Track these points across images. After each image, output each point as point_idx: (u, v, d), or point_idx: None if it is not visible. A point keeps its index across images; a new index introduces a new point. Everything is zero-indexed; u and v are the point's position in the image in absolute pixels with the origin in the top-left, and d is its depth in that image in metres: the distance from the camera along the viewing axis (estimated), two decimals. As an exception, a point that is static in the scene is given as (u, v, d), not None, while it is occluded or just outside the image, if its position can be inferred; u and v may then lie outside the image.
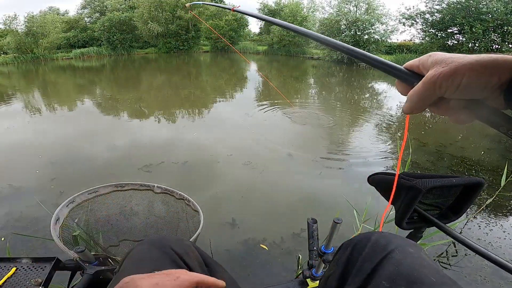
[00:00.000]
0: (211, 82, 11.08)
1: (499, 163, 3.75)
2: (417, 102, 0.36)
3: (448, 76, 0.32)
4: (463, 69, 0.31)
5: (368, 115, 6.29)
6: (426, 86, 0.34)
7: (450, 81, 0.32)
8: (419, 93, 0.35)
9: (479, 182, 0.64)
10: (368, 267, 0.54)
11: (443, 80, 0.32)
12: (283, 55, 25.19)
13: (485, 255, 0.55)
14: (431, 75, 0.33)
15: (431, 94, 0.34)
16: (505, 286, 1.83)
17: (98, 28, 25.07)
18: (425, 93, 0.34)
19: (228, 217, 2.45)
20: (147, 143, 4.26)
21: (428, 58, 0.35)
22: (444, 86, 0.32)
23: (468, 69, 0.30)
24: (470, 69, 0.30)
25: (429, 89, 0.34)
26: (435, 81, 0.33)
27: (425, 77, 0.34)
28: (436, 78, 0.33)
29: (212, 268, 0.64)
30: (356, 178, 3.25)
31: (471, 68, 0.30)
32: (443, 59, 0.33)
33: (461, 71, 0.31)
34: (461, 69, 0.31)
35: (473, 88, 0.31)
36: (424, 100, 0.35)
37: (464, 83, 0.31)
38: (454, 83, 0.32)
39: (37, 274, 0.91)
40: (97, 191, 1.39)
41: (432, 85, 0.33)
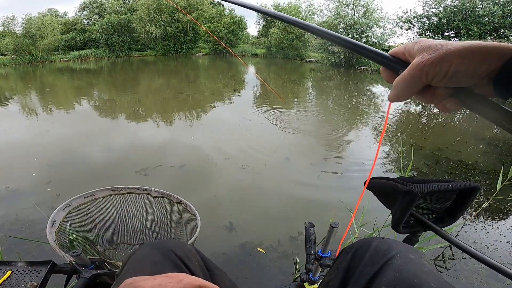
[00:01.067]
0: (209, 85, 11.09)
1: (495, 166, 3.77)
2: (403, 90, 0.35)
3: (435, 63, 0.31)
4: (451, 56, 0.30)
5: (366, 118, 6.32)
6: (412, 74, 0.33)
7: (437, 68, 0.31)
8: (405, 81, 0.34)
9: (475, 186, 0.64)
10: (369, 273, 0.54)
11: (430, 68, 0.31)
12: (281, 58, 25.29)
13: (480, 259, 0.55)
14: (418, 62, 0.32)
15: (417, 82, 0.33)
16: None
17: (97, 30, 25.08)
18: (411, 80, 0.33)
19: (226, 221, 2.44)
20: (144, 146, 4.25)
21: (414, 45, 0.34)
22: (431, 73, 0.31)
23: (457, 56, 0.30)
24: (458, 56, 0.30)
25: (415, 77, 0.33)
26: (422, 68, 0.32)
27: (411, 64, 0.33)
28: (423, 65, 0.32)
29: (213, 272, 0.64)
30: (353, 182, 3.26)
31: (459, 55, 0.30)
32: (430, 45, 0.32)
33: (449, 58, 0.30)
34: (449, 56, 0.30)
35: (461, 75, 0.30)
36: (410, 88, 0.34)
37: (452, 70, 0.30)
38: (441, 71, 0.31)
39: (32, 278, 0.90)
40: (93, 195, 1.39)
41: (419, 72, 0.32)
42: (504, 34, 12.88)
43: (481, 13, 12.70)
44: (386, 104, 7.90)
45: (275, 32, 25.03)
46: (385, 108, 7.30)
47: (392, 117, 6.44)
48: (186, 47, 27.41)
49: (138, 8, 25.10)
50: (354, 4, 19.18)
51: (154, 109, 6.91)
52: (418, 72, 0.32)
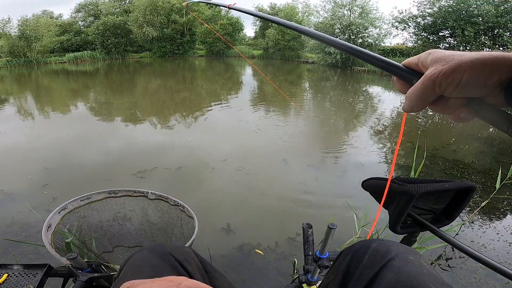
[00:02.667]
0: (206, 87, 11.08)
1: (491, 165, 3.79)
2: (417, 101, 0.35)
3: (448, 75, 0.31)
4: (463, 67, 0.30)
5: (364, 119, 6.34)
6: (425, 85, 0.34)
7: (450, 79, 0.31)
8: (419, 92, 0.35)
9: (471, 186, 0.65)
10: (368, 275, 0.54)
11: (443, 79, 0.32)
12: (278, 59, 25.34)
13: (477, 258, 0.55)
14: (431, 73, 0.33)
15: (430, 93, 0.34)
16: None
17: (92, 32, 24.95)
18: (425, 91, 0.34)
19: (223, 223, 2.44)
20: (141, 149, 4.24)
21: (428, 56, 0.35)
22: (444, 84, 0.32)
23: (468, 67, 0.30)
24: (470, 67, 0.30)
25: (428, 88, 0.33)
26: (435, 80, 0.32)
27: (425, 76, 0.34)
28: (436, 76, 0.32)
29: (212, 275, 0.64)
30: (351, 183, 3.27)
31: (471, 66, 0.30)
32: (442, 57, 0.33)
33: (461, 69, 0.30)
34: (461, 67, 0.30)
35: (472, 86, 0.31)
36: (424, 98, 0.35)
37: (464, 81, 0.31)
38: (454, 81, 0.31)
39: (28, 281, 0.90)
40: (89, 198, 1.38)
41: (432, 83, 0.33)
42: (498, 34, 12.99)
43: (476, 13, 12.80)
44: (383, 104, 7.94)
45: (272, 33, 25.07)
46: (381, 109, 7.33)
47: (390, 115, 6.46)
48: (182, 49, 27.36)
49: (134, 9, 25.01)
50: (350, 5, 19.26)
51: (151, 111, 6.89)
52: (431, 83, 0.33)
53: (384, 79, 14.35)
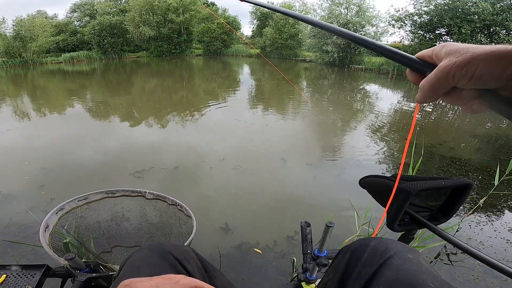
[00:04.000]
0: (204, 86, 11.06)
1: (488, 163, 3.81)
2: (430, 92, 0.36)
3: (462, 66, 0.32)
4: (477, 59, 0.31)
5: (362, 117, 6.35)
6: (439, 76, 0.34)
7: (464, 71, 0.32)
8: (432, 83, 0.35)
9: (468, 183, 0.65)
10: (367, 273, 0.54)
11: (456, 70, 0.32)
12: (276, 57, 25.34)
13: (474, 255, 0.56)
14: (445, 64, 0.33)
15: (444, 84, 0.34)
16: (498, 285, 1.85)
17: (88, 31, 24.84)
18: (438, 82, 0.34)
19: (221, 222, 2.44)
20: (138, 148, 4.23)
21: (442, 49, 0.35)
22: (457, 75, 0.32)
23: (483, 60, 0.30)
24: (485, 60, 0.30)
25: (442, 79, 0.34)
26: (449, 71, 0.33)
27: (438, 67, 0.34)
28: (450, 68, 0.33)
29: (211, 274, 0.64)
30: (349, 181, 3.27)
31: (486, 59, 0.30)
32: (457, 49, 0.33)
33: (475, 61, 0.31)
34: (475, 59, 0.31)
35: (487, 78, 0.31)
36: (437, 89, 0.35)
37: (478, 73, 0.31)
38: (468, 73, 0.32)
39: (27, 281, 0.90)
40: (87, 198, 1.38)
41: (445, 74, 0.33)
42: (495, 32, 13.02)
43: (472, 10, 12.82)
44: (380, 102, 7.96)
45: (269, 32, 25.07)
46: (379, 107, 7.34)
47: (387, 116, 6.48)
48: (179, 48, 27.31)
49: (130, 9, 24.91)
50: (347, 3, 19.27)
51: (148, 110, 6.87)
52: (445, 74, 0.33)
53: (382, 77, 14.39)
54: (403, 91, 9.99)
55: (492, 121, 6.11)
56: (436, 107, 7.57)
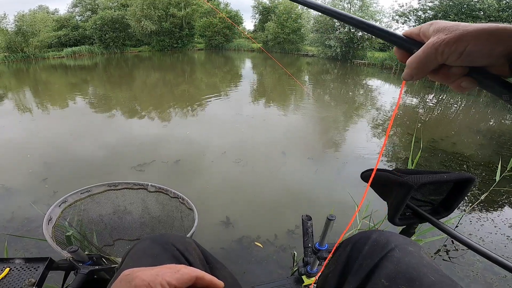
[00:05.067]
0: (206, 80, 11.03)
1: (490, 158, 3.80)
2: (417, 68, 0.35)
3: (451, 43, 0.31)
4: (468, 36, 0.30)
5: (364, 111, 6.33)
6: (427, 52, 0.34)
7: (453, 48, 0.31)
8: (420, 59, 0.35)
9: (470, 177, 0.64)
10: (368, 266, 0.54)
11: (446, 47, 0.32)
12: (278, 52, 25.19)
13: (478, 250, 0.56)
14: (433, 41, 0.33)
15: (432, 61, 0.34)
16: (497, 281, 1.85)
17: (90, 26, 24.73)
18: (426, 59, 0.34)
19: (222, 216, 2.45)
20: (140, 142, 4.23)
21: (430, 26, 0.35)
22: (446, 52, 0.32)
23: (473, 37, 0.30)
24: (475, 37, 0.30)
25: (430, 55, 0.33)
26: (437, 47, 0.32)
27: (427, 44, 0.34)
28: (439, 44, 0.32)
29: (213, 265, 0.64)
30: (351, 175, 3.27)
31: (476, 36, 0.30)
32: (445, 26, 0.33)
33: (465, 38, 0.31)
34: (465, 36, 0.31)
35: (477, 55, 0.31)
36: (425, 66, 0.35)
37: (468, 50, 0.31)
38: (457, 50, 0.31)
39: (30, 275, 0.90)
40: (89, 191, 1.38)
41: (434, 51, 0.33)
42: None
43: (477, 6, 12.69)
44: (383, 97, 7.92)
45: (271, 27, 24.88)
46: (381, 101, 7.30)
47: (389, 110, 6.45)
48: (181, 42, 27.18)
49: (132, 3, 24.76)
50: (350, -2, 19.12)
51: (150, 104, 6.87)
52: (433, 51, 0.33)
53: (384, 72, 14.30)
54: (406, 86, 9.92)
55: (496, 117, 6.07)
56: (439, 102, 7.52)
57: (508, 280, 1.86)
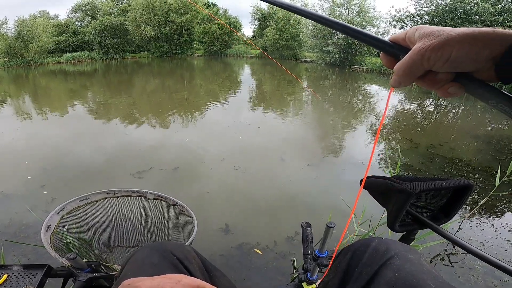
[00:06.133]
0: (205, 86, 11.07)
1: (489, 163, 3.81)
2: (404, 75, 0.35)
3: (437, 49, 0.31)
4: (453, 41, 0.30)
5: (362, 117, 6.35)
6: (413, 59, 0.33)
7: (439, 54, 0.31)
8: (406, 66, 0.34)
9: (468, 184, 0.65)
10: (368, 273, 0.54)
11: (432, 53, 0.32)
12: (277, 58, 25.33)
13: (479, 255, 0.56)
14: (419, 47, 0.33)
15: (418, 67, 0.34)
16: (498, 285, 1.85)
17: (90, 32, 24.84)
18: (413, 66, 0.34)
19: (222, 223, 2.44)
20: (139, 149, 4.23)
21: (415, 31, 0.35)
22: (432, 58, 0.32)
23: (458, 42, 0.30)
24: (460, 42, 0.30)
25: (416, 62, 0.33)
26: (423, 54, 0.32)
27: (413, 50, 0.34)
28: (424, 51, 0.32)
29: (212, 274, 0.64)
30: (350, 181, 3.27)
31: (461, 41, 0.30)
32: (431, 32, 0.33)
33: (451, 43, 0.30)
34: (450, 41, 0.30)
35: (463, 60, 0.31)
36: (412, 72, 0.34)
37: (454, 55, 0.31)
38: (443, 56, 0.31)
39: (28, 281, 0.89)
40: (88, 198, 1.38)
41: (420, 57, 0.33)
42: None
43: (473, 11, 12.81)
44: (381, 103, 7.95)
45: (270, 33, 25.06)
46: (380, 107, 7.33)
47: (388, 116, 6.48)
48: (180, 48, 27.30)
49: (131, 9, 24.91)
50: (347, 4, 19.29)
51: (149, 111, 6.88)
52: (419, 57, 0.33)
53: (382, 78, 14.38)
54: (403, 92, 9.98)
55: (494, 122, 6.10)
56: (437, 108, 7.56)
57: (510, 284, 1.86)
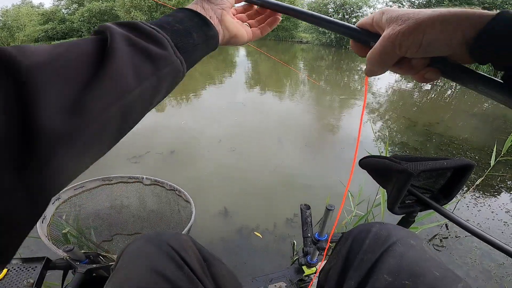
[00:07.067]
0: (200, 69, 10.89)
1: (486, 142, 3.81)
2: (378, 64, 0.34)
3: (407, 35, 0.30)
4: (422, 25, 0.29)
5: (360, 97, 6.30)
6: (385, 47, 0.32)
7: (410, 40, 0.30)
8: (379, 54, 0.33)
9: (469, 164, 0.63)
10: (370, 260, 0.53)
11: (402, 39, 0.30)
12: (272, 39, 24.90)
13: (485, 239, 0.55)
14: (388, 34, 0.31)
15: (391, 55, 0.32)
16: (495, 268, 1.87)
17: (77, 19, 24.27)
18: (385, 54, 0.32)
19: (220, 206, 2.44)
20: (134, 133, 4.17)
21: (382, 16, 0.33)
22: (404, 45, 0.30)
23: (429, 26, 0.29)
24: (430, 26, 0.29)
25: (388, 50, 0.32)
26: (393, 41, 0.31)
27: (382, 37, 0.32)
28: (394, 38, 0.30)
29: (210, 263, 0.62)
30: (349, 161, 3.27)
31: (431, 25, 0.28)
32: (397, 15, 0.31)
33: (420, 28, 0.29)
34: (420, 25, 0.29)
35: (435, 46, 0.29)
36: (385, 61, 0.33)
37: (425, 41, 0.29)
38: (415, 42, 0.29)
39: (28, 275, 0.89)
40: (83, 186, 1.36)
41: (391, 45, 0.31)
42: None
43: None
44: (378, 82, 7.89)
45: (264, 14, 24.52)
46: (376, 86, 7.28)
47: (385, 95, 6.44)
48: (173, 32, 26.77)
49: (121, -7, 24.21)
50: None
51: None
52: (390, 44, 0.31)
53: (379, 57, 14.20)
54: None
55: (490, 101, 6.09)
56: (434, 87, 7.52)
57: (506, 267, 1.88)
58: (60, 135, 0.24)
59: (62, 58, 0.27)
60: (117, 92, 0.29)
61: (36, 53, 0.26)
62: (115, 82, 0.29)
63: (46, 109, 0.23)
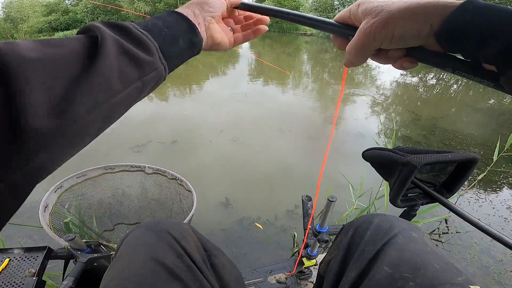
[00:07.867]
0: (202, 60, 10.82)
1: (490, 137, 3.78)
2: (356, 56, 0.35)
3: (380, 28, 0.30)
4: (393, 18, 0.30)
5: (363, 89, 6.25)
6: (361, 39, 0.33)
7: (383, 33, 0.30)
8: (357, 47, 0.34)
9: (474, 158, 0.62)
10: (371, 252, 0.52)
11: (376, 32, 0.31)
12: (276, 31, 24.67)
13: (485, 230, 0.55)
14: (364, 27, 0.32)
15: (368, 47, 0.33)
16: (494, 265, 1.87)
17: (81, 10, 24.22)
18: (362, 46, 0.33)
19: (222, 197, 2.45)
20: (137, 122, 4.15)
21: (357, 8, 0.34)
22: (378, 38, 0.31)
23: (399, 18, 0.29)
24: (400, 18, 0.29)
25: (364, 42, 0.33)
26: (368, 34, 0.32)
27: (359, 31, 0.33)
28: (369, 31, 0.31)
29: (210, 252, 0.62)
30: (351, 153, 3.25)
31: (401, 17, 0.29)
32: (372, 8, 0.32)
33: (391, 21, 0.30)
34: (391, 18, 0.30)
35: (406, 37, 0.30)
36: (363, 53, 0.34)
37: (397, 34, 0.30)
38: (387, 35, 0.30)
39: (30, 264, 0.89)
40: (85, 175, 1.36)
41: (367, 38, 0.32)
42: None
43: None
44: (382, 75, 7.81)
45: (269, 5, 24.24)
46: (381, 79, 7.21)
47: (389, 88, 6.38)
48: (176, 23, 26.57)
49: (124, -16, 24.03)
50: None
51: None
52: (366, 37, 0.32)
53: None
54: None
55: (495, 96, 6.01)
56: (439, 82, 7.44)
57: (505, 264, 1.88)
58: (45, 135, 0.25)
59: (51, 56, 0.27)
60: (103, 95, 0.30)
61: (26, 49, 0.26)
62: (102, 85, 0.30)
63: (34, 107, 0.24)
